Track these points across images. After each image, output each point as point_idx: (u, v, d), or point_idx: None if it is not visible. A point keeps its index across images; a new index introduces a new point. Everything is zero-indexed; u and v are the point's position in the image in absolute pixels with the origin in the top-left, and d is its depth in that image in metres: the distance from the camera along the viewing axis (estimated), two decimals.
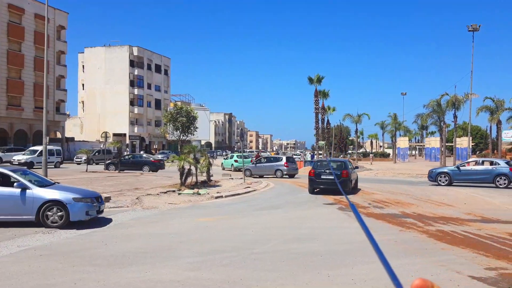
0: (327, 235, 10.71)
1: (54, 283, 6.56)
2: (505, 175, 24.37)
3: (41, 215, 10.90)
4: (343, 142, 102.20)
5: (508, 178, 24.35)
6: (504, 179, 24.33)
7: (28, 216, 10.98)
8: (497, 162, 25.99)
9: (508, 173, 24.42)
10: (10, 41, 51.43)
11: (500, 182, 24.41)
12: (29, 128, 54.34)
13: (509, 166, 25.11)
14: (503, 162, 26.18)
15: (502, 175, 24.44)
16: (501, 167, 25.00)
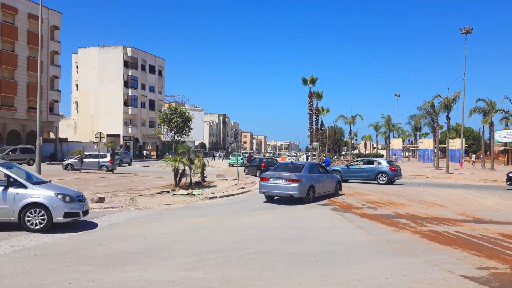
0: (321, 235, 10.77)
1: (48, 282, 6.57)
2: (385, 173, 27.30)
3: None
4: (337, 143, 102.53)
5: (387, 175, 27.27)
6: (384, 177, 27.33)
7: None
8: (380, 162, 29.21)
9: (387, 171, 27.38)
10: (3, 41, 51.19)
11: (381, 179, 27.44)
12: (22, 128, 54.07)
13: (389, 165, 28.23)
14: (385, 162, 29.40)
15: (382, 173, 27.46)
16: (382, 166, 28.08)
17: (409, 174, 38.51)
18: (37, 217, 10.56)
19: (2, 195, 10.49)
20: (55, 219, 10.63)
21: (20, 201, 10.48)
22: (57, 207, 10.61)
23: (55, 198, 10.69)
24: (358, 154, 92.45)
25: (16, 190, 10.54)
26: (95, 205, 14.89)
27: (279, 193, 17.51)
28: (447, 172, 40.43)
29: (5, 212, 10.50)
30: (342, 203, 17.19)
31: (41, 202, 10.56)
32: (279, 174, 17.62)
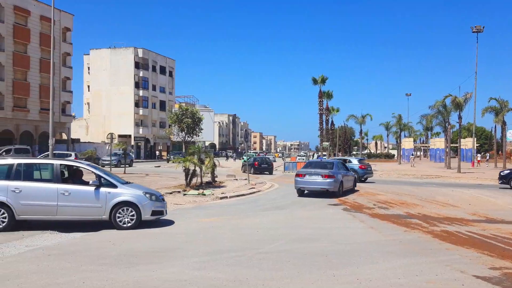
0: (332, 235, 10.76)
1: (62, 282, 6.66)
2: (355, 171, 26.69)
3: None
4: (347, 143, 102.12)
5: (357, 173, 26.94)
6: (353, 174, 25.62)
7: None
8: (351, 160, 29.91)
9: (357, 170, 27.62)
10: (16, 43, 51.74)
11: None
12: (34, 129, 54.65)
13: (359, 164, 29.03)
14: (356, 160, 30.38)
15: (352, 171, 25.82)
16: (353, 164, 28.62)
17: (421, 174, 38.31)
18: (127, 215, 11.13)
19: (95, 194, 10.99)
20: (143, 217, 11.26)
21: (111, 200, 11.04)
22: (146, 205, 11.26)
23: (143, 196, 11.36)
24: (368, 154, 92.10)
25: (107, 190, 11.10)
26: None
27: (315, 188, 19.23)
28: (459, 171, 40.11)
29: (98, 211, 11.03)
30: (353, 203, 17.15)
31: (131, 200, 11.15)
32: (315, 171, 19.29)
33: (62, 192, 10.80)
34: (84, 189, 11.08)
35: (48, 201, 10.73)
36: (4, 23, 49.85)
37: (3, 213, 10.58)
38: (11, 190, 10.61)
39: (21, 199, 10.62)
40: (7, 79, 50.41)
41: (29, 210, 10.72)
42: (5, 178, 10.77)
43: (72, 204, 10.86)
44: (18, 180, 10.79)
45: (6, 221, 10.58)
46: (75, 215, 11.01)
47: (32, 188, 10.81)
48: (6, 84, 50.27)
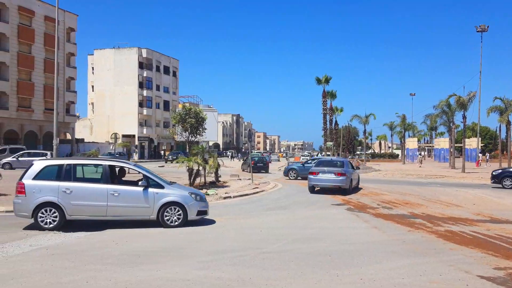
0: (336, 235, 10.74)
1: (66, 281, 6.66)
2: None
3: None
4: (351, 143, 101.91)
5: None
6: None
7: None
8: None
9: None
10: (21, 43, 51.97)
11: None
12: (39, 129, 54.85)
13: None
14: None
15: None
16: None
17: (425, 173, 38.18)
18: (174, 215, 11.47)
19: (144, 194, 11.28)
20: (189, 216, 11.61)
21: (159, 200, 11.35)
22: (192, 205, 11.63)
23: (189, 197, 11.71)
24: (372, 154, 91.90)
25: (155, 190, 11.39)
26: None
27: (328, 185, 20.42)
28: (463, 171, 39.95)
29: (146, 211, 11.34)
30: (357, 203, 17.12)
31: (177, 201, 11.49)
32: (328, 169, 20.61)
33: (112, 193, 11.07)
34: (133, 190, 11.35)
35: (98, 202, 10.99)
36: (9, 23, 50.09)
37: (54, 213, 10.81)
38: (62, 191, 10.82)
39: (72, 199, 10.85)
40: (11, 79, 50.63)
41: (79, 210, 10.98)
42: (56, 179, 10.97)
43: (122, 205, 11.15)
44: (68, 180, 11.01)
45: (57, 221, 10.84)
46: (124, 215, 11.33)
47: (82, 188, 11.04)
48: (10, 84, 50.50)
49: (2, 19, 49.57)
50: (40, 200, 10.72)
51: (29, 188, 10.76)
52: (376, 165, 58.86)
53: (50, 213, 10.78)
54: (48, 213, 10.78)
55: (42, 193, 10.75)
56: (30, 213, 10.73)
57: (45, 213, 10.78)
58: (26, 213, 10.79)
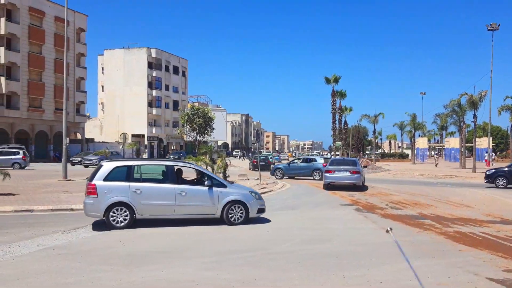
0: (343, 236, 10.66)
1: (71, 282, 6.67)
2: (319, 170, 28.87)
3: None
4: (360, 143, 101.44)
5: (321, 172, 27.96)
6: (319, 173, 28.71)
7: None
8: (315, 159, 32.38)
9: (321, 168, 28.67)
10: (31, 44, 52.44)
11: (316, 175, 29.05)
12: (49, 129, 55.30)
13: (324, 162, 30.39)
14: (320, 159, 32.82)
15: (317, 169, 29.32)
16: (318, 163, 30.47)
17: (435, 173, 37.87)
18: (237, 213, 11.92)
19: (209, 194, 11.73)
20: (251, 214, 12.06)
21: (223, 199, 11.82)
22: (253, 203, 12.10)
23: (250, 195, 12.24)
24: (382, 154, 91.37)
25: (219, 189, 11.88)
26: None
27: (344, 182, 21.90)
28: (474, 171, 39.54)
29: (211, 209, 11.78)
30: (365, 203, 17.00)
31: (240, 199, 11.97)
32: (343, 168, 22.17)
33: (179, 192, 11.47)
34: (199, 189, 11.81)
35: (167, 201, 11.40)
36: (20, 24, 50.57)
37: (125, 212, 11.13)
38: (132, 191, 11.16)
39: (142, 199, 11.20)
40: (22, 80, 51.11)
41: (149, 209, 11.37)
42: (126, 180, 11.30)
43: (189, 203, 11.59)
44: (137, 181, 11.41)
45: (128, 220, 11.15)
46: (190, 213, 11.76)
47: (152, 188, 11.43)
48: (21, 85, 50.98)
49: (13, 20, 50.05)
50: (112, 200, 11.06)
51: (100, 189, 11.05)
52: (385, 165, 58.51)
53: (121, 212, 11.13)
54: (119, 212, 11.13)
55: (114, 193, 11.10)
56: (102, 213, 11.07)
57: (116, 213, 11.11)
58: (98, 213, 11.12)
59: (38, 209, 13.97)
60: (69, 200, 15.74)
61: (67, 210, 14.17)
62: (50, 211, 13.97)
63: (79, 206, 14.49)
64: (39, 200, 15.58)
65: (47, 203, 15.04)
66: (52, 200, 15.82)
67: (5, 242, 9.31)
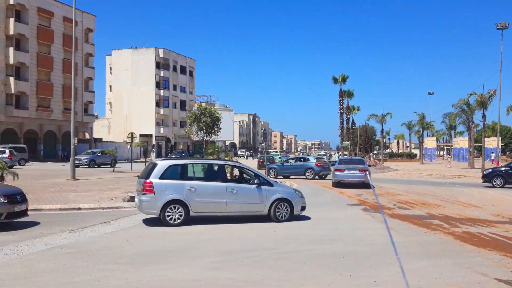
0: (350, 236, 10.61)
1: (78, 280, 6.70)
2: (312, 169, 29.89)
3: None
4: (368, 142, 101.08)
5: (314, 171, 29.79)
6: (311, 172, 29.85)
7: None
8: (308, 159, 32.85)
9: (313, 167, 29.97)
10: (40, 44, 52.76)
11: (309, 174, 29.83)
12: (58, 129, 55.63)
13: (316, 161, 31.32)
14: (312, 159, 33.12)
15: (310, 168, 30.04)
16: (310, 162, 31.09)
17: (443, 173, 37.63)
18: (283, 210, 12.32)
19: (258, 191, 12.16)
20: (295, 211, 12.48)
21: (271, 197, 12.22)
22: (297, 201, 12.56)
23: (294, 193, 12.75)
24: (390, 154, 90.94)
25: (266, 187, 12.30)
26: (126, 204, 15.15)
27: (353, 180, 22.89)
28: (483, 171, 39.24)
29: (259, 206, 12.20)
30: (373, 203, 16.92)
31: (286, 197, 12.41)
32: (353, 166, 23.34)
33: (230, 190, 11.88)
34: (248, 187, 12.23)
35: (219, 199, 11.79)
36: (29, 24, 50.87)
37: (179, 209, 11.46)
38: (187, 189, 11.51)
39: (196, 197, 11.55)
40: (31, 80, 51.44)
41: (202, 207, 11.74)
42: (180, 178, 11.64)
43: (239, 201, 11.99)
44: (191, 179, 11.78)
45: (183, 217, 11.48)
46: (240, 210, 12.17)
47: (205, 186, 11.83)
48: (30, 85, 51.30)
49: (22, 20, 50.36)
50: (168, 198, 11.35)
51: (157, 187, 11.33)
52: (393, 164, 58.25)
53: (177, 210, 11.44)
54: (174, 210, 11.43)
55: (169, 191, 11.40)
56: (158, 210, 11.34)
57: (171, 210, 11.41)
58: (155, 210, 11.40)
59: (46, 208, 14.05)
60: (77, 200, 15.82)
61: (74, 210, 14.24)
62: (58, 210, 14.05)
63: (87, 205, 14.62)
64: (47, 199, 15.68)
65: (55, 202, 15.13)
66: (60, 199, 15.92)
67: (13, 241, 9.36)
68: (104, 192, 18.57)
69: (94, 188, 20.12)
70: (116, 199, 16.38)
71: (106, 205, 14.88)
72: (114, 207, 14.72)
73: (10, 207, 10.55)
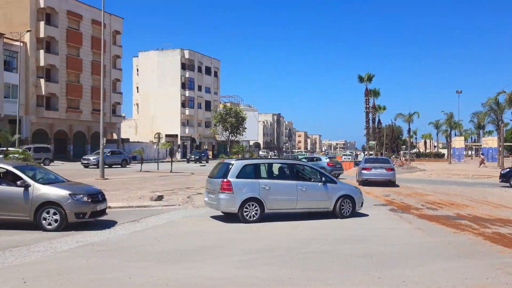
0: (378, 236, 10.53)
1: (110, 277, 6.87)
2: (324, 168, 29.20)
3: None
4: (394, 142, 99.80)
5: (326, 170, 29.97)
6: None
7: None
8: (320, 158, 33.14)
9: (326, 167, 29.15)
10: (69, 47, 53.99)
11: None
12: (87, 129, 56.83)
13: (328, 161, 31.58)
14: (324, 158, 33.39)
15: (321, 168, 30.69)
16: (322, 162, 31.02)
17: (472, 173, 36.87)
18: (348, 207, 12.90)
19: (324, 189, 12.73)
20: (357, 208, 13.17)
21: (336, 194, 12.83)
22: (358, 198, 13.20)
23: (356, 190, 13.39)
24: (417, 153, 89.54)
25: (331, 185, 12.93)
26: (154, 202, 15.40)
27: (380, 179, 23.42)
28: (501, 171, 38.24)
29: (326, 203, 12.80)
30: (400, 204, 16.74)
31: (349, 194, 13.03)
32: (379, 165, 24.08)
33: (300, 188, 12.46)
34: (315, 185, 12.75)
35: (290, 196, 12.35)
36: (58, 27, 52.11)
37: (255, 207, 11.97)
38: (262, 187, 12.05)
39: (270, 194, 12.10)
40: (61, 82, 52.68)
41: (276, 204, 12.29)
42: (254, 177, 12.22)
43: (308, 198, 12.56)
44: (264, 178, 12.43)
45: (258, 214, 11.98)
46: (308, 207, 12.73)
47: (277, 184, 12.39)
48: (60, 86, 52.55)
49: (52, 23, 51.65)
50: (246, 196, 11.86)
51: (235, 186, 11.83)
52: (421, 164, 57.33)
53: (253, 208, 11.93)
54: (251, 207, 11.92)
55: (246, 189, 11.91)
56: (237, 208, 11.83)
57: (249, 208, 11.90)
58: (233, 208, 11.90)
59: None
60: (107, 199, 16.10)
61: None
62: None
63: (116, 204, 14.91)
64: None
65: None
66: None
67: (46, 238, 9.65)
68: (132, 191, 18.91)
69: (123, 188, 20.50)
70: (144, 198, 16.66)
71: (134, 204, 15.17)
72: (142, 206, 14.98)
73: (94, 206, 10.89)
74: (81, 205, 10.61)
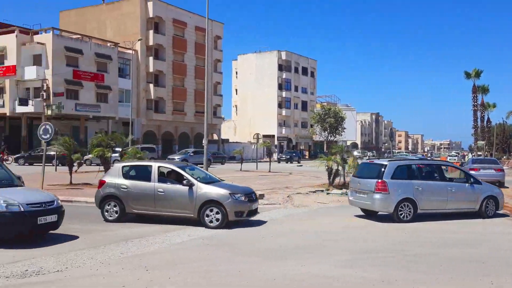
0: (489, 241, 9.98)
1: (221, 269, 7.33)
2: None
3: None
4: (506, 142, 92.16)
5: None
6: None
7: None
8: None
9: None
10: (175, 53, 57.39)
11: None
12: (190, 130, 60.00)
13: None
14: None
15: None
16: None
17: None
18: (492, 207, 13.02)
19: (471, 190, 12.86)
20: (499, 208, 13.33)
21: (482, 195, 12.89)
22: (502, 198, 13.39)
23: (500, 191, 13.62)
24: None
25: (478, 186, 13.06)
26: None
27: (489, 179, 21.44)
28: None
29: (472, 204, 12.90)
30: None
31: (494, 195, 13.14)
32: (488, 166, 23.97)
33: (450, 189, 12.59)
34: (463, 185, 12.92)
35: (441, 197, 12.51)
36: (165, 35, 55.61)
37: (409, 208, 12.07)
38: (415, 188, 12.19)
39: (422, 195, 12.22)
40: (167, 86, 56.21)
41: (427, 205, 12.37)
42: (407, 178, 12.45)
43: (456, 199, 12.67)
44: (416, 178, 12.53)
45: (411, 215, 12.09)
46: (457, 207, 12.80)
47: (429, 185, 12.54)
48: (167, 90, 56.11)
49: (159, 31, 55.30)
50: (401, 197, 12.02)
51: (391, 186, 12.05)
52: None
53: (407, 208, 12.05)
54: (405, 208, 12.04)
55: (401, 190, 12.08)
56: (392, 208, 12.00)
57: (403, 208, 12.05)
58: (389, 208, 12.10)
59: None
60: None
61: None
62: None
63: None
64: None
65: None
66: None
67: (162, 231, 10.50)
68: None
69: None
70: None
71: None
72: None
73: (250, 205, 11.38)
74: (239, 204, 11.10)
